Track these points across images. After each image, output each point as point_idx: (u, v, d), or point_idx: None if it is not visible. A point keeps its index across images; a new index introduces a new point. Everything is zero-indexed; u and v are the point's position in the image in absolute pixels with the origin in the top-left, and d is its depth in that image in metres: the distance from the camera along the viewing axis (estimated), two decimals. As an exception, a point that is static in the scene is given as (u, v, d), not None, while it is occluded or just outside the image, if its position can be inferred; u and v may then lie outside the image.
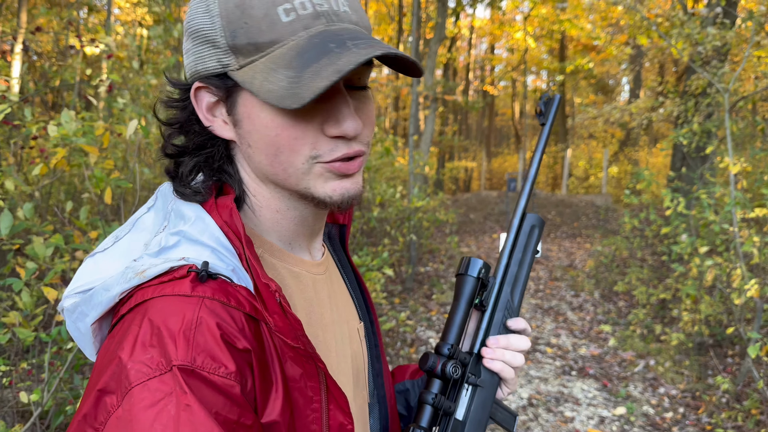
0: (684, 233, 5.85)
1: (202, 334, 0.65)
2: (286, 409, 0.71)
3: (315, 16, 0.72)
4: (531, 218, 1.04)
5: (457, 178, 25.23)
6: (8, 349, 3.10)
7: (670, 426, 4.40)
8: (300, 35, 0.71)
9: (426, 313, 6.97)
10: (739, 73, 5.49)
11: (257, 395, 0.69)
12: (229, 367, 0.65)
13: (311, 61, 0.69)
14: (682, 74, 13.55)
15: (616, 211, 14.69)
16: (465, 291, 0.96)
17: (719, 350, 5.63)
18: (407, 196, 7.87)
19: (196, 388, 0.63)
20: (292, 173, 0.76)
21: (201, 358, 0.64)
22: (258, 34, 0.71)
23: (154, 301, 0.68)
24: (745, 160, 5.22)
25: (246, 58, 0.72)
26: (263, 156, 0.77)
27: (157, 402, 0.61)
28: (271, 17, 0.71)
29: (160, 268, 0.70)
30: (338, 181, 0.78)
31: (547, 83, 29.68)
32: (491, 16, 25.24)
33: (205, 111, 0.79)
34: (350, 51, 0.69)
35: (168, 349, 0.64)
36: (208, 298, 0.68)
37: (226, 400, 0.64)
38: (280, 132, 0.74)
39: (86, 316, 0.74)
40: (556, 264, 9.97)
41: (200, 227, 0.76)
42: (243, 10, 0.71)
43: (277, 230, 0.84)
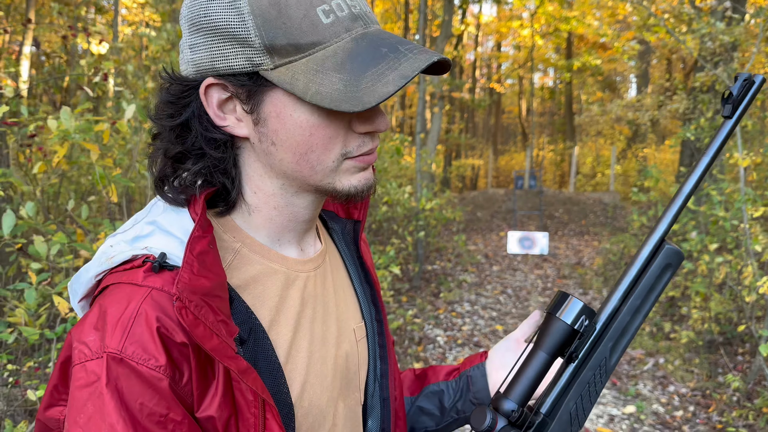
0: (694, 230, 5.81)
1: (139, 325, 0.68)
2: (225, 407, 0.71)
3: (353, 18, 0.73)
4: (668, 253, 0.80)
5: (464, 176, 25.18)
6: (15, 350, 3.11)
7: (681, 425, 4.36)
8: (343, 37, 0.72)
9: (433, 311, 6.96)
10: (748, 69, 5.45)
11: (194, 389, 0.70)
12: (159, 360, 0.67)
13: (368, 66, 0.70)
14: (690, 70, 13.47)
15: (624, 208, 14.62)
16: (551, 339, 0.78)
17: (730, 348, 5.59)
18: (415, 195, 7.85)
19: (123, 377, 0.66)
20: (320, 170, 0.78)
21: (132, 348, 0.67)
22: (299, 35, 0.71)
23: (112, 287, 0.72)
24: (754, 153, 5.18)
25: (283, 58, 0.72)
26: (289, 154, 0.77)
27: (90, 384, 0.66)
28: (311, 18, 0.71)
29: (124, 256, 0.74)
30: (362, 173, 0.80)
31: (554, 81, 29.60)
32: (498, 14, 25.19)
33: (215, 108, 0.77)
34: (407, 57, 0.71)
35: (106, 335, 0.67)
36: (156, 289, 0.70)
37: (153, 393, 0.67)
38: (314, 132, 0.75)
39: (76, 294, 0.79)
40: (564, 262, 9.93)
41: (172, 218, 0.78)
42: (279, 10, 0.71)
43: (269, 227, 0.84)
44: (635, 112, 13.00)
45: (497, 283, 8.54)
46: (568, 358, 0.79)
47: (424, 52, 0.72)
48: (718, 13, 6.90)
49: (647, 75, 21.12)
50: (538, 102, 32.26)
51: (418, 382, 1.17)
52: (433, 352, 5.72)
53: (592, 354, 0.79)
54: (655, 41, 11.51)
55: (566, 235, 12.78)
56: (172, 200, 0.79)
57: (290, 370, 0.81)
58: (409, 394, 1.16)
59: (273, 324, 0.81)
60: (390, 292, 5.59)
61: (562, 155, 25.41)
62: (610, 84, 28.30)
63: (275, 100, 0.74)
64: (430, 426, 1.13)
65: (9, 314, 2.38)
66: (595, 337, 0.79)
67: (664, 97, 9.26)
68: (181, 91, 0.78)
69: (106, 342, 0.67)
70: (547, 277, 8.96)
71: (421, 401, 1.14)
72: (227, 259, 0.80)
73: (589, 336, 0.79)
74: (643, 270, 0.80)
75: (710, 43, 6.21)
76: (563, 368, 0.80)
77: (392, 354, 1.04)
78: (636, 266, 0.80)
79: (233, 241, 0.81)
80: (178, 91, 0.78)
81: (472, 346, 5.95)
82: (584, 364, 0.79)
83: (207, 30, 0.74)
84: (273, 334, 0.80)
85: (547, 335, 0.79)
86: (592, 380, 0.79)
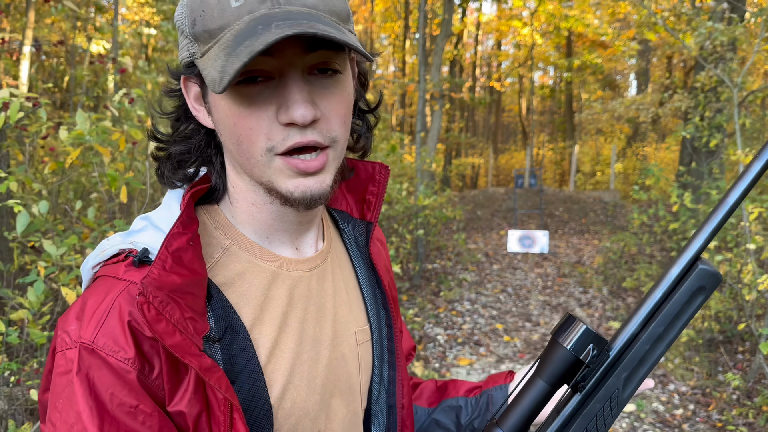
0: (693, 229, 5.82)
1: (112, 318, 0.70)
2: (195, 402, 0.72)
3: (261, 0, 0.70)
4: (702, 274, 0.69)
5: (464, 175, 25.17)
6: (17, 348, 3.12)
7: (681, 423, 4.37)
8: (244, 19, 0.70)
9: (434, 310, 6.97)
10: (748, 68, 5.45)
11: (165, 383, 0.71)
12: (128, 353, 0.69)
13: (238, 45, 0.67)
14: (690, 69, 13.47)
15: (624, 207, 14.62)
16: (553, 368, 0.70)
17: (730, 347, 5.59)
18: (414, 194, 7.86)
19: (95, 367, 0.68)
20: (254, 164, 0.76)
21: (103, 340, 0.69)
22: (211, 20, 0.71)
23: (98, 279, 0.76)
24: (752, 152, 5.18)
25: (204, 45, 0.73)
26: (231, 145, 0.77)
27: (68, 371, 0.69)
28: (223, 4, 0.70)
29: (113, 250, 0.77)
30: (300, 178, 0.75)
31: (554, 79, 29.58)
32: (497, 12, 25.16)
33: (193, 100, 0.81)
34: (270, 31, 0.65)
35: (82, 325, 0.70)
36: (133, 284, 0.72)
37: (123, 384, 0.69)
38: (237, 121, 0.73)
39: (83, 284, 0.82)
40: (564, 261, 9.93)
41: (163, 214, 0.81)
42: (202, 0, 0.72)
43: (253, 223, 0.84)
44: (637, 109, 13.00)
45: (497, 282, 8.54)
46: (574, 387, 0.71)
47: (290, 27, 0.65)
48: (718, 13, 6.90)
49: (647, 73, 21.11)
50: (538, 100, 32.23)
51: (438, 393, 1.15)
52: (433, 350, 5.73)
53: (602, 385, 0.70)
54: (655, 40, 11.51)
55: (566, 233, 12.78)
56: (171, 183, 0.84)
57: (272, 371, 0.80)
58: (427, 405, 1.14)
59: (256, 322, 0.80)
60: (390, 291, 5.59)
61: (562, 154, 25.39)
62: (610, 82, 28.28)
63: None
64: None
65: (10, 312, 2.38)
66: (607, 366, 0.70)
67: (666, 95, 9.26)
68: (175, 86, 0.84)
69: (81, 332, 0.70)
70: (547, 276, 8.96)
71: (437, 414, 1.12)
72: (215, 256, 0.80)
73: (598, 366, 0.70)
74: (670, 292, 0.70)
75: (708, 43, 6.21)
76: (569, 397, 0.72)
77: (402, 361, 1.01)
78: (662, 288, 0.70)
79: (223, 238, 0.82)
80: (173, 86, 0.84)
81: (473, 345, 5.95)
82: (592, 395, 0.70)
83: (177, 28, 0.79)
84: (255, 333, 0.79)
85: (548, 363, 0.71)
86: (601, 413, 0.70)
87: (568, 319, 0.71)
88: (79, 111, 2.47)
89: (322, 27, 0.66)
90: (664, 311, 0.69)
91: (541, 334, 6.33)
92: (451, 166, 21.35)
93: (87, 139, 2.42)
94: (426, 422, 1.12)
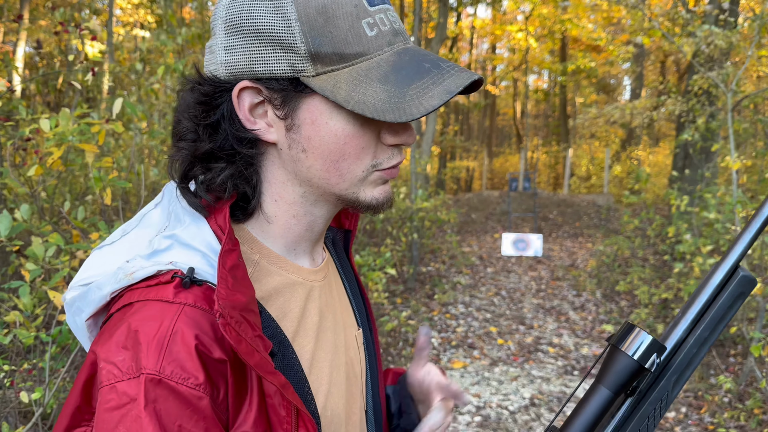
0: (687, 233, 5.85)
1: (176, 344, 0.66)
2: (260, 422, 0.71)
3: (394, 33, 0.75)
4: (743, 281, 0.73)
5: (459, 178, 25.21)
6: (9, 350, 3.11)
7: (673, 426, 4.39)
8: (386, 50, 0.74)
9: (428, 313, 6.97)
10: (741, 72, 5.48)
11: (230, 405, 0.69)
12: (199, 378, 0.66)
13: (413, 79, 0.72)
14: (684, 73, 13.54)
15: (617, 210, 14.67)
16: (618, 377, 0.70)
17: (722, 350, 5.62)
18: (409, 196, 7.87)
19: (162, 399, 0.64)
20: (349, 179, 0.78)
21: (171, 368, 0.65)
22: (344, 45, 0.72)
23: (138, 305, 0.69)
24: (745, 157, 5.22)
25: (326, 66, 0.72)
26: (320, 162, 0.77)
27: (122, 405, 0.64)
28: (357, 30, 0.72)
29: (147, 271, 0.71)
30: (384, 186, 0.82)
31: (549, 83, 29.65)
32: (492, 16, 25.23)
33: (246, 111, 0.76)
34: (450, 73, 0.73)
35: (140, 355, 0.65)
36: (189, 306, 0.69)
37: (192, 413, 0.65)
38: (348, 141, 0.75)
39: (82, 312, 0.76)
40: (558, 264, 9.96)
41: (193, 232, 0.76)
42: (327, 19, 0.72)
43: (286, 236, 0.83)
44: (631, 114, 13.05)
45: (491, 285, 8.56)
46: (629, 392, 0.73)
47: (464, 71, 0.74)
48: (712, 17, 6.94)
49: (641, 77, 21.19)
50: (533, 104, 32.32)
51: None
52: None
53: (654, 387, 0.73)
54: (649, 44, 11.56)
55: (560, 237, 12.81)
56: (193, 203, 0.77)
57: (313, 381, 0.81)
58: None
59: (296, 336, 0.81)
60: (385, 294, 5.59)
61: (557, 157, 25.46)
62: (604, 86, 28.38)
63: (312, 107, 0.74)
64: None
65: (4, 314, 2.38)
66: (661, 369, 0.74)
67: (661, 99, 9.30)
68: (212, 92, 0.77)
69: (141, 363, 0.65)
70: (541, 279, 8.98)
71: None
72: (248, 272, 0.78)
73: (656, 369, 0.73)
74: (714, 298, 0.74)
75: (704, 47, 6.25)
76: (622, 400, 0.74)
77: (380, 362, 1.05)
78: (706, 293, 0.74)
79: (251, 253, 0.80)
80: (209, 92, 0.77)
81: (466, 348, 5.96)
82: (645, 397, 0.73)
83: (248, 32, 0.73)
84: (296, 345, 0.80)
85: (612, 371, 0.71)
86: (652, 414, 0.73)
87: (628, 328, 0.72)
88: (62, 110, 2.46)
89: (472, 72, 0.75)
90: (710, 316, 0.73)
91: (535, 337, 6.34)
92: (446, 169, 21.38)
93: (70, 139, 2.41)
94: None
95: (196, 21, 6.38)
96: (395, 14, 0.78)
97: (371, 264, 5.15)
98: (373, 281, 5.16)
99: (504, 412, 4.57)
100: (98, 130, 2.49)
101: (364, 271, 5.15)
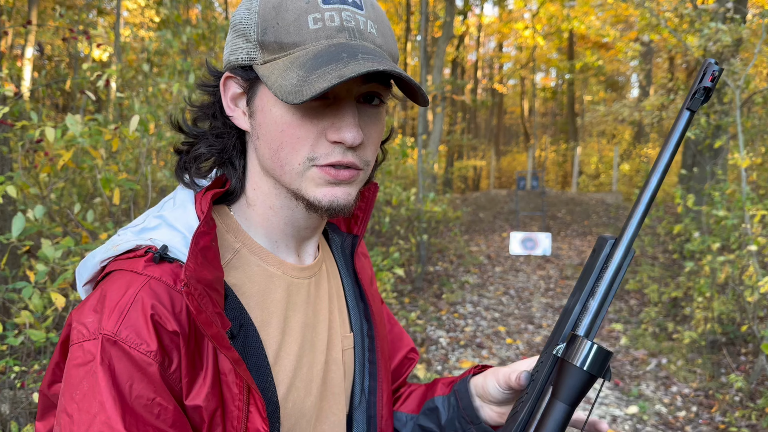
0: (696, 231, 5.82)
1: (135, 311, 0.72)
2: (212, 398, 0.75)
3: (339, 29, 0.77)
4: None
5: (466, 177, 25.17)
6: (20, 351, 3.13)
7: (683, 425, 4.37)
8: (321, 42, 0.76)
9: (436, 313, 6.97)
10: (750, 69, 5.45)
11: (183, 377, 0.73)
12: (151, 346, 0.71)
13: (321, 65, 0.73)
14: (693, 70, 13.46)
15: (626, 209, 14.61)
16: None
17: (732, 348, 5.58)
18: (418, 197, 7.86)
19: (116, 359, 0.69)
20: (288, 171, 0.80)
21: (126, 332, 0.70)
22: (285, 35, 0.77)
23: (114, 273, 0.77)
24: (754, 154, 5.18)
25: (271, 54, 0.78)
26: (267, 149, 0.81)
27: (86, 363, 0.70)
28: (300, 22, 0.76)
29: (129, 245, 0.79)
30: (329, 187, 0.80)
31: (556, 81, 29.57)
32: (499, 14, 25.18)
33: (229, 100, 0.84)
34: (357, 61, 0.73)
35: (103, 318, 0.71)
36: (154, 279, 0.74)
37: (142, 376, 0.70)
38: (285, 129, 0.78)
39: (81, 278, 0.84)
40: (567, 262, 9.93)
41: (179, 214, 0.83)
42: (278, 12, 0.77)
43: (266, 227, 0.87)
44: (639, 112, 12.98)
45: (500, 284, 8.54)
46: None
47: (377, 62, 0.73)
48: (720, 14, 6.90)
49: (650, 75, 21.08)
50: (540, 102, 32.23)
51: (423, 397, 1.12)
52: (435, 353, 5.73)
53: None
54: (657, 40, 11.50)
55: (569, 235, 12.77)
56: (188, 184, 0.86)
57: (278, 371, 0.84)
58: (412, 409, 1.11)
59: (264, 325, 0.84)
60: (393, 294, 5.59)
61: (565, 156, 25.37)
62: (612, 84, 28.26)
63: (262, 94, 0.80)
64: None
65: (15, 315, 2.39)
66: None
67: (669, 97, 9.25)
68: (213, 84, 0.87)
69: (102, 324, 0.71)
70: (549, 278, 8.96)
71: (421, 419, 1.08)
72: (226, 257, 0.84)
73: None
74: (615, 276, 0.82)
75: (712, 44, 6.21)
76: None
77: (384, 372, 1.02)
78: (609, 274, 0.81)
79: (234, 241, 0.85)
80: (210, 82, 0.88)
81: (475, 347, 5.95)
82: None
83: (232, 28, 0.83)
84: (263, 334, 0.83)
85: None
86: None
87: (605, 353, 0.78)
88: (69, 114, 2.49)
89: (399, 69, 0.74)
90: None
91: (544, 336, 6.32)
92: (453, 168, 21.35)
93: (79, 141, 2.43)
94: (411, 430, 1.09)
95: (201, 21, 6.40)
96: (357, 16, 0.78)
97: (379, 264, 5.15)
98: (382, 281, 5.16)
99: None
100: (111, 138, 2.52)
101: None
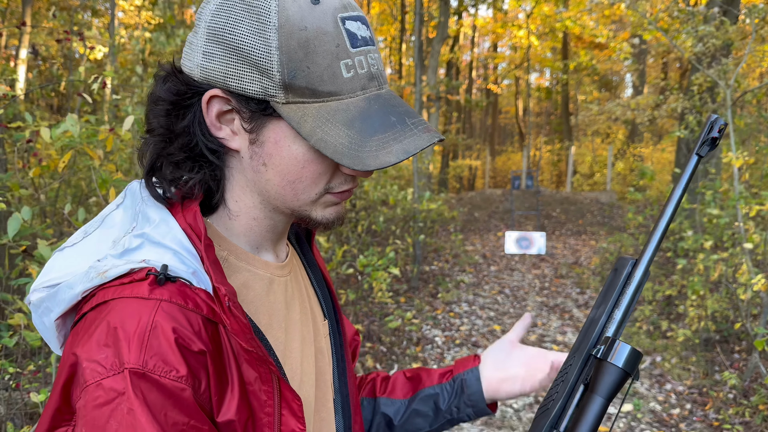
0: (689, 229, 5.85)
1: (156, 338, 0.68)
2: (243, 409, 0.73)
3: (370, 77, 0.77)
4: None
5: (461, 177, 25.21)
6: (15, 352, 3.12)
7: (678, 422, 4.39)
8: (357, 94, 0.76)
9: (431, 312, 6.98)
10: (740, 68, 5.48)
11: (212, 395, 0.71)
12: (181, 371, 0.68)
13: (376, 131, 0.75)
14: (686, 70, 13.51)
15: (621, 207, 14.66)
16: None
17: (726, 346, 5.61)
18: (414, 197, 7.87)
19: (146, 391, 0.65)
20: (303, 200, 0.82)
21: (153, 362, 0.66)
22: (319, 82, 0.74)
23: (114, 303, 0.70)
24: (748, 153, 5.21)
25: (297, 97, 0.74)
26: (278, 178, 0.80)
27: (111, 401, 0.65)
28: (333, 69, 0.74)
29: (121, 269, 0.72)
30: (336, 207, 0.86)
31: (551, 81, 29.62)
32: (494, 15, 25.21)
33: (213, 117, 0.78)
34: (413, 132, 0.76)
35: (122, 351, 0.66)
36: (165, 301, 0.70)
37: (175, 402, 0.67)
38: (307, 165, 0.78)
39: (51, 312, 0.76)
40: (561, 261, 9.96)
41: (163, 230, 0.77)
42: (306, 54, 0.73)
43: (248, 235, 0.86)
44: (633, 111, 13.04)
45: (495, 283, 8.56)
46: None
47: (427, 131, 0.77)
48: (711, 15, 6.93)
49: (644, 74, 21.16)
50: (535, 102, 32.29)
51: (411, 384, 1.18)
52: (431, 352, 5.74)
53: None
54: (650, 40, 11.55)
55: (563, 234, 12.81)
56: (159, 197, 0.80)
57: (288, 370, 0.85)
58: (402, 396, 1.17)
59: (268, 328, 0.85)
60: (389, 294, 5.60)
61: (559, 155, 25.43)
62: (606, 83, 28.34)
63: (277, 128, 0.77)
64: (423, 427, 1.15)
65: (9, 317, 2.40)
66: None
67: (663, 96, 9.30)
68: (185, 92, 0.78)
69: (124, 358, 0.66)
70: (544, 277, 8.98)
71: (416, 404, 1.15)
72: None
73: None
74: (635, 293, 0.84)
75: (701, 45, 6.24)
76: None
77: (348, 352, 1.07)
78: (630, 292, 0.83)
79: (220, 250, 0.83)
80: (182, 91, 0.79)
81: (470, 346, 5.97)
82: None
83: (228, 47, 0.74)
84: (270, 336, 0.84)
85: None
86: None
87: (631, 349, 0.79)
88: (69, 115, 2.49)
89: (440, 135, 0.79)
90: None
91: (539, 335, 6.34)
92: (449, 168, 21.37)
93: (76, 141, 2.43)
94: (405, 413, 1.16)
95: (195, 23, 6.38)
96: (377, 56, 0.80)
97: (375, 264, 5.15)
98: (378, 281, 5.17)
99: (508, 410, 4.58)
100: (105, 137, 2.52)
101: (367, 271, 5.16)
